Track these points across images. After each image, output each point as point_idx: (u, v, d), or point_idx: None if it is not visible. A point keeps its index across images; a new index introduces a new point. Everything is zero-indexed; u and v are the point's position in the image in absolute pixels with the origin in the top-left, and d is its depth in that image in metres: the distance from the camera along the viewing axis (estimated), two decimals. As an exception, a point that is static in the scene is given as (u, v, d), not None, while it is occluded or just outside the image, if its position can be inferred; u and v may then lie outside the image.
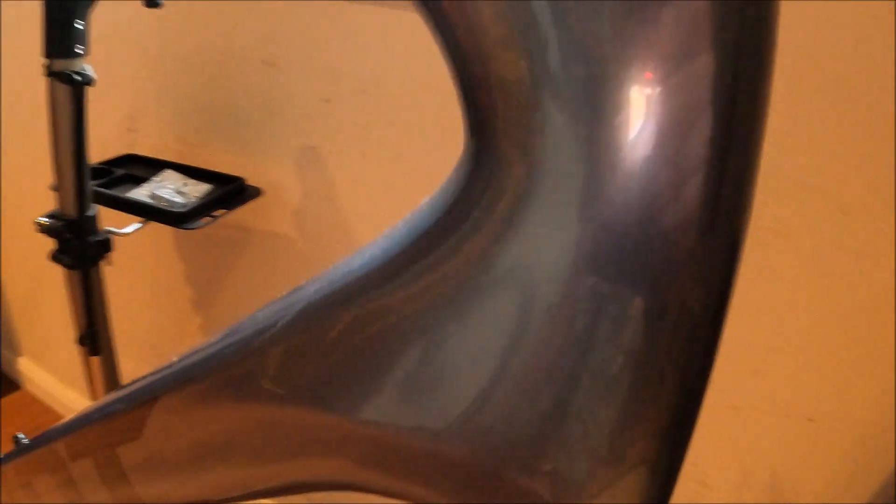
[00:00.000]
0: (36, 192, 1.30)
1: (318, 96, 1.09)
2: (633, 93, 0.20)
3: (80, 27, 0.78)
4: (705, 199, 0.21)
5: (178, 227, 1.02)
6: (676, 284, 0.21)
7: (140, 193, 1.05)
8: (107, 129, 1.41)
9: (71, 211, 0.90)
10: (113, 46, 1.33)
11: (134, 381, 0.38)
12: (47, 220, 0.90)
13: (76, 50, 0.79)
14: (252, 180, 1.17)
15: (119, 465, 0.37)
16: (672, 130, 0.20)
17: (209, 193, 1.09)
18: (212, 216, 1.05)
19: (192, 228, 1.02)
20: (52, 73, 0.80)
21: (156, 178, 1.10)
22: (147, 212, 1.03)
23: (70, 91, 0.81)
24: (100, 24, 1.25)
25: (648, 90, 0.20)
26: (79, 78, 0.80)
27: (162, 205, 1.03)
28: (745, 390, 0.89)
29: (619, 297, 0.21)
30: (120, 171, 1.13)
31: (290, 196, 1.18)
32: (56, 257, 0.91)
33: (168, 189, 1.06)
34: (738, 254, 0.23)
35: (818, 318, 0.83)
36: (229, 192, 1.11)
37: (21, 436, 0.58)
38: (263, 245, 1.28)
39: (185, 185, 1.10)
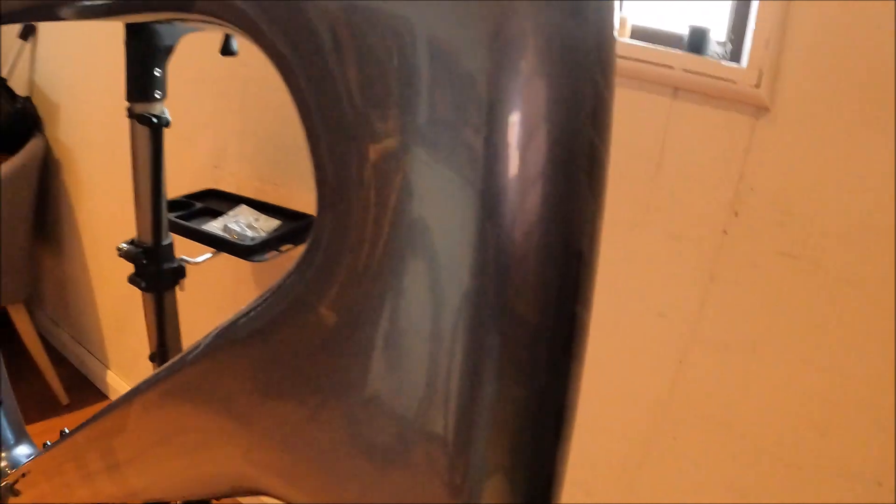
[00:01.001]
0: (130, 219, 1.41)
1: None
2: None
3: (159, 74, 0.85)
4: (543, 213, 0.22)
5: (246, 259, 1.08)
6: (510, 292, 0.22)
7: (214, 226, 1.12)
8: (195, 165, 1.51)
9: (148, 239, 0.97)
10: (201, 90, 1.43)
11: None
12: (126, 246, 0.98)
13: (155, 95, 0.86)
14: (322, 217, 1.22)
15: (115, 455, 0.41)
16: (514, 148, 0.21)
17: (278, 229, 1.14)
18: (279, 250, 1.10)
19: (259, 261, 1.08)
20: (133, 115, 0.87)
21: (230, 213, 1.17)
22: (219, 243, 1.09)
23: (149, 132, 0.88)
24: (188, 70, 1.35)
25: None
26: (156, 120, 0.87)
27: (233, 237, 1.09)
28: (810, 450, 0.84)
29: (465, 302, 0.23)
30: (199, 205, 1.21)
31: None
32: (133, 280, 0.98)
33: (240, 223, 1.13)
34: (581, 278, 0.24)
35: (891, 374, 0.78)
36: (298, 228, 1.16)
37: (66, 430, 0.63)
38: (332, 279, 1.32)
39: (257, 220, 1.16)
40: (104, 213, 1.99)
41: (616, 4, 0.25)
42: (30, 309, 2.14)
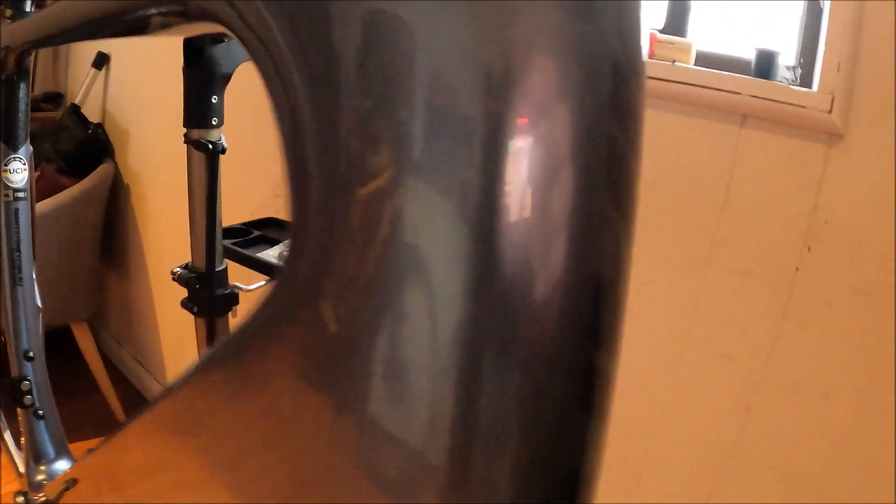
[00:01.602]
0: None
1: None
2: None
3: (215, 101, 0.86)
4: (567, 260, 0.20)
5: (299, 286, 1.07)
6: (510, 336, 0.20)
7: (269, 254, 1.12)
8: (257, 193, 1.52)
9: (201, 264, 0.97)
10: (264, 119, 1.45)
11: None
12: (180, 270, 0.99)
13: (211, 121, 0.87)
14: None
15: (120, 480, 0.41)
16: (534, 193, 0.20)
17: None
18: (331, 278, 1.09)
19: (312, 288, 1.07)
20: (189, 141, 0.89)
21: (287, 241, 1.17)
22: (273, 271, 1.09)
23: (205, 158, 0.89)
24: (253, 99, 1.37)
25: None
26: (211, 147, 0.88)
27: (286, 265, 1.09)
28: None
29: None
30: (256, 232, 1.21)
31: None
32: (185, 305, 0.99)
33: (294, 250, 1.12)
34: (607, 319, 0.21)
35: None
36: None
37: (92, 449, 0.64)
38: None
39: (312, 247, 1.15)
40: (169, 238, 2.03)
41: (642, 12, 0.22)
42: (93, 328, 2.20)
